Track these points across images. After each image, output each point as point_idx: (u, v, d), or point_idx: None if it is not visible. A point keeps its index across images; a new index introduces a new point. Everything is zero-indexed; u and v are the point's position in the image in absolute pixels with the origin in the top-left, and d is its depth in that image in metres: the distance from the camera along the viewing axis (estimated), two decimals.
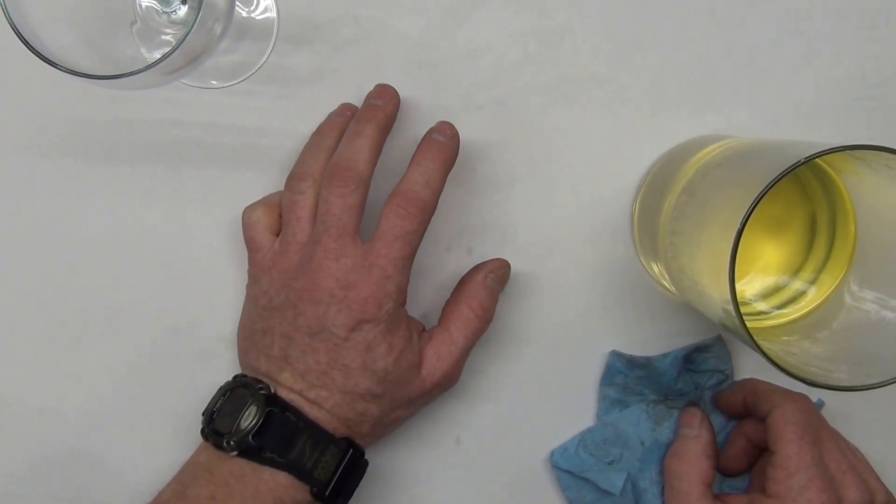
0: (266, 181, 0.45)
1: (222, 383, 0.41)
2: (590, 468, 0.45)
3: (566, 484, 0.46)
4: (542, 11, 0.45)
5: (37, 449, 0.47)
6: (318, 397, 0.39)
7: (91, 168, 0.45)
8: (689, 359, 0.45)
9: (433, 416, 0.46)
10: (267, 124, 0.45)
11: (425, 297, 0.46)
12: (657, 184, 0.43)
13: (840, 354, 0.35)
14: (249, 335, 0.42)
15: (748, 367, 0.46)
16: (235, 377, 0.41)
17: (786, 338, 0.38)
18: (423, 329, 0.42)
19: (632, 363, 0.45)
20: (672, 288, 0.42)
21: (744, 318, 0.30)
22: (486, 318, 0.42)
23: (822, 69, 0.45)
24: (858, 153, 0.31)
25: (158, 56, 0.33)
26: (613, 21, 0.45)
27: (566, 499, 0.46)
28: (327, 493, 0.39)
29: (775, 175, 0.29)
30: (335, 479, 0.39)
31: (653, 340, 0.46)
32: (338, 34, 0.45)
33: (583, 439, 0.46)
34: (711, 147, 0.39)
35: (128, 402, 0.47)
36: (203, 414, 0.40)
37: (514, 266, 0.46)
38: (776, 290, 0.40)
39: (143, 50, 0.42)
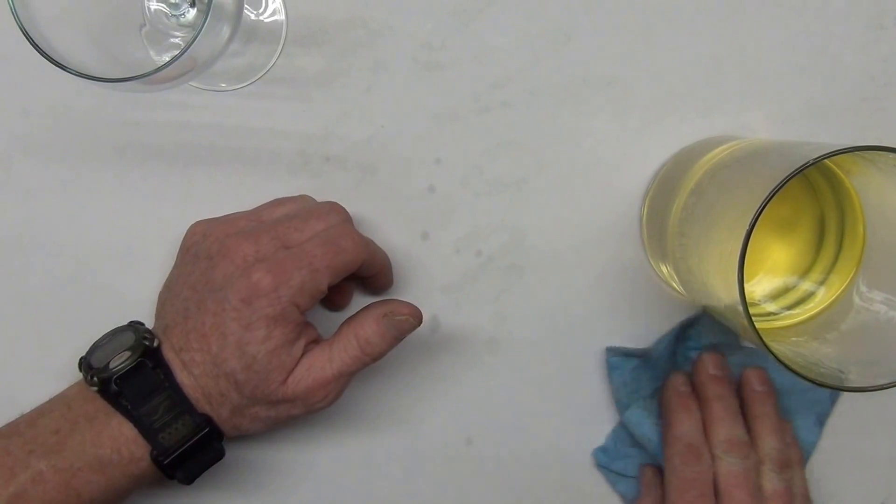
0: (275, 183, 0.45)
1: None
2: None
3: (613, 480, 0.47)
4: (550, 12, 0.45)
5: None
6: (191, 360, 0.38)
7: (100, 170, 0.46)
8: (683, 336, 0.46)
9: (444, 416, 0.47)
10: (276, 126, 0.45)
11: (434, 301, 0.46)
12: (666, 185, 0.43)
13: (849, 355, 0.35)
14: (169, 284, 0.42)
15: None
16: (131, 322, 0.41)
17: (795, 339, 0.37)
18: (318, 341, 0.41)
19: (628, 354, 0.46)
20: (681, 289, 0.42)
21: (753, 319, 0.30)
22: (369, 353, 0.40)
23: (831, 70, 0.45)
24: (867, 154, 0.30)
25: (167, 59, 0.33)
26: (621, 22, 0.45)
27: (618, 493, 0.47)
28: (166, 462, 0.37)
29: (784, 176, 0.29)
30: (180, 451, 0.38)
31: None
32: (346, 36, 0.45)
33: (617, 436, 0.47)
34: (720, 148, 0.39)
35: None
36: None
37: (525, 267, 0.46)
38: (785, 290, 0.40)
39: (151, 53, 0.42)
